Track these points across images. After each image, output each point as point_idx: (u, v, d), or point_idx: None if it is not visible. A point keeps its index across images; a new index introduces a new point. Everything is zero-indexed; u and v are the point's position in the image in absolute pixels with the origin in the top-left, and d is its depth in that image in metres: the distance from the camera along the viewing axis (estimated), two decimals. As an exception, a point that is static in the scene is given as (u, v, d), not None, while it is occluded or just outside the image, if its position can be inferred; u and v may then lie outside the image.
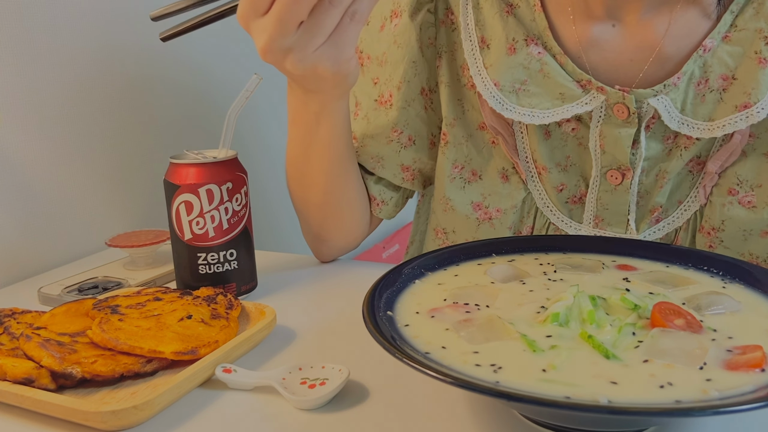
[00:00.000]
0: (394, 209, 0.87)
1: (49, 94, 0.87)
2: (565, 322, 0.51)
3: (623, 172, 0.72)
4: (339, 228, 0.82)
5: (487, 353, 0.47)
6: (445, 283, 0.60)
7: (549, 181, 0.76)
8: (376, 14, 0.82)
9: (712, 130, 0.67)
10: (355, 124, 0.82)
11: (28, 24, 0.83)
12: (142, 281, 0.78)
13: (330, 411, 0.51)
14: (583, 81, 0.71)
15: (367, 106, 0.82)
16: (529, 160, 0.76)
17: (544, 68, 0.71)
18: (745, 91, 0.66)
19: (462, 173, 0.79)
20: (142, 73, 1.00)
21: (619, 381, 0.43)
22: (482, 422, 0.50)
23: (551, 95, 0.71)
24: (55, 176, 0.88)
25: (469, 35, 0.75)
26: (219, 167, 0.69)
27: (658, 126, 0.71)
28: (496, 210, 0.77)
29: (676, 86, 0.68)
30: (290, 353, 0.62)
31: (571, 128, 0.74)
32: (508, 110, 0.72)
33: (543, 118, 0.71)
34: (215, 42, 1.13)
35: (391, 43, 0.79)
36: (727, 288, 0.58)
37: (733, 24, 0.67)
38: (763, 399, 0.39)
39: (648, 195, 0.73)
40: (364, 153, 0.82)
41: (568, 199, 0.76)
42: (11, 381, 0.53)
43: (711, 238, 0.71)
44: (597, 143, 0.72)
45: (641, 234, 0.74)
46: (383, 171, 0.83)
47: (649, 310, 0.52)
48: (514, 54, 0.72)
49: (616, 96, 0.69)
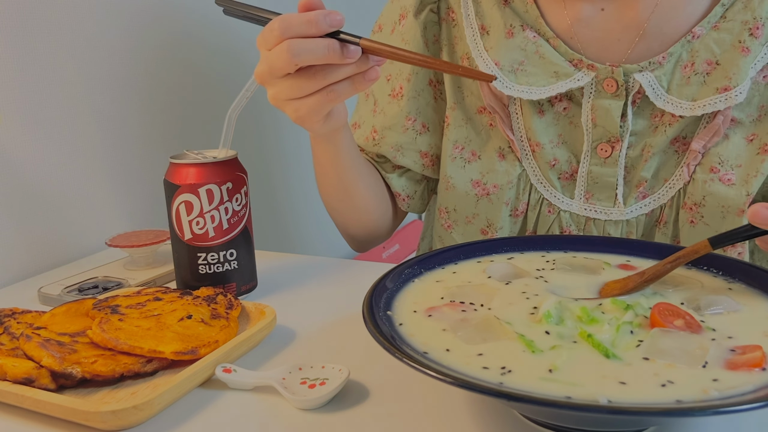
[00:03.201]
0: (421, 202, 0.93)
1: (49, 94, 0.87)
2: (560, 320, 0.51)
3: (612, 144, 0.77)
4: (362, 227, 0.89)
5: (490, 354, 0.47)
6: (444, 281, 0.60)
7: (542, 156, 0.80)
8: (387, 20, 0.90)
9: (694, 109, 0.73)
10: (374, 119, 0.89)
11: (28, 24, 0.83)
12: (142, 281, 0.78)
13: (330, 411, 0.51)
14: (575, 60, 0.77)
15: (383, 101, 0.89)
16: (523, 138, 0.81)
17: (539, 50, 0.78)
18: (726, 76, 0.72)
19: (462, 153, 0.84)
20: (143, 73, 1.00)
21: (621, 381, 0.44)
22: (482, 422, 0.50)
23: (546, 74, 0.77)
24: (55, 176, 0.88)
25: (470, 24, 0.82)
26: (219, 167, 0.69)
27: (645, 103, 0.76)
28: (493, 186, 0.82)
29: (661, 65, 0.74)
30: (290, 353, 0.62)
31: (563, 107, 0.79)
32: (508, 88, 0.78)
33: (540, 93, 0.77)
34: (215, 42, 1.13)
35: (400, 41, 0.86)
36: (733, 289, 0.58)
37: (723, 16, 0.73)
38: (763, 399, 0.39)
39: (634, 169, 0.78)
40: (384, 144, 0.88)
41: (560, 175, 0.81)
42: (11, 381, 0.53)
43: (693, 213, 0.75)
44: (589, 117, 0.77)
45: (628, 207, 0.78)
46: (404, 159, 0.88)
47: (644, 307, 0.53)
48: (512, 38, 0.79)
49: (605, 71, 0.76)
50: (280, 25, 0.60)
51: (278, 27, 0.60)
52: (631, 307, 0.52)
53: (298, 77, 0.62)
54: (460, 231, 0.85)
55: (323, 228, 1.46)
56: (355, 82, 0.63)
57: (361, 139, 0.90)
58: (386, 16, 0.90)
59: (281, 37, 0.60)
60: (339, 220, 0.90)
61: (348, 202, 0.85)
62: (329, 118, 0.68)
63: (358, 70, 0.62)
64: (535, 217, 0.81)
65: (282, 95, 0.64)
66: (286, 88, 0.63)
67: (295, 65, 0.60)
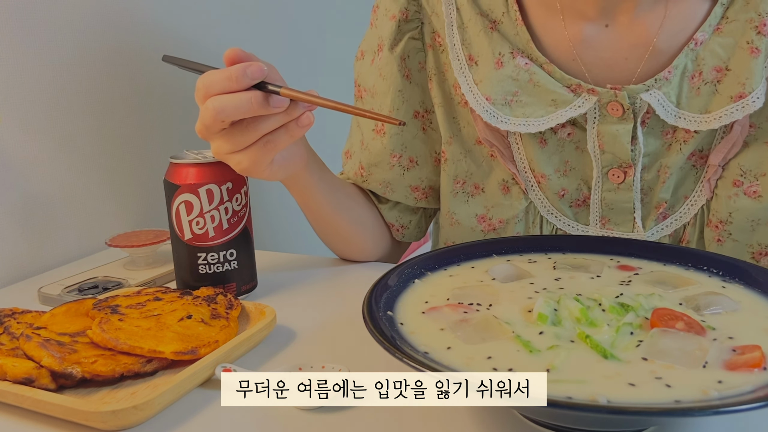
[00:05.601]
0: (417, 231, 0.89)
1: (49, 94, 0.87)
2: (557, 321, 0.51)
3: (624, 170, 0.72)
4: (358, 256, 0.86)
5: (491, 354, 0.47)
6: (446, 282, 0.60)
7: (550, 188, 0.76)
8: (368, 48, 0.84)
9: (709, 122, 0.68)
10: (361, 154, 0.85)
11: (28, 24, 0.83)
12: (142, 281, 0.78)
13: (330, 411, 0.51)
14: (573, 85, 0.71)
15: (368, 137, 0.84)
16: (526, 170, 0.77)
17: (533, 78, 0.72)
18: (739, 82, 0.67)
19: (464, 188, 0.81)
20: (143, 73, 1.00)
21: (620, 380, 0.44)
22: (482, 422, 0.50)
23: (544, 102, 0.72)
24: (55, 176, 0.89)
25: (457, 55, 0.76)
26: (219, 167, 0.69)
27: (655, 122, 0.71)
28: (498, 221, 0.78)
29: (668, 80, 0.69)
30: (290, 353, 0.62)
31: (566, 133, 0.74)
32: (503, 122, 0.73)
33: (538, 125, 0.72)
34: (215, 42, 1.13)
35: (377, 75, 0.82)
36: (726, 288, 0.58)
37: (724, 16, 0.68)
38: (763, 399, 0.39)
39: (651, 191, 0.74)
40: (372, 180, 0.84)
41: (571, 203, 0.77)
42: (11, 381, 0.53)
43: (719, 231, 0.72)
44: (595, 144, 0.72)
45: (648, 231, 0.74)
46: (394, 194, 0.85)
47: (644, 308, 0.53)
48: (501, 67, 0.73)
49: (608, 95, 0.70)
50: (203, 83, 0.60)
51: (202, 85, 0.60)
52: (632, 309, 0.52)
53: (232, 131, 0.62)
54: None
55: (323, 228, 1.46)
56: (290, 130, 0.62)
57: (350, 173, 0.87)
58: (367, 42, 0.85)
59: (207, 95, 0.60)
60: (339, 254, 0.87)
61: (334, 237, 0.83)
62: (276, 165, 0.67)
63: (289, 118, 0.61)
64: None
65: (222, 150, 0.63)
66: (224, 143, 0.62)
67: (222, 121, 0.60)
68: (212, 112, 0.59)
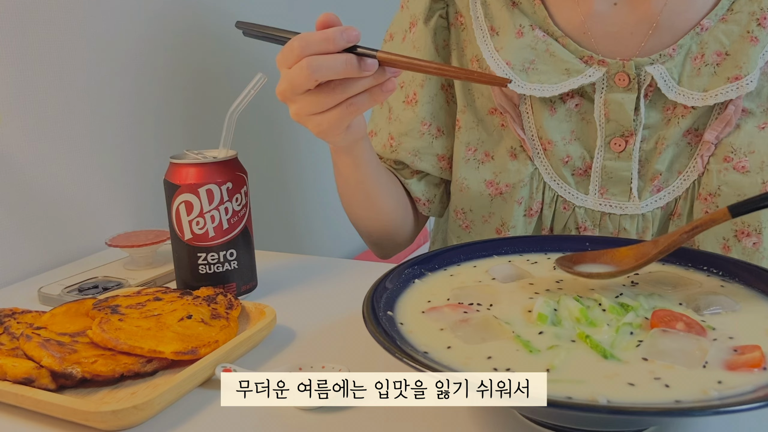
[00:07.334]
0: (441, 206, 0.94)
1: (49, 94, 0.87)
2: (557, 321, 0.51)
3: (626, 138, 0.78)
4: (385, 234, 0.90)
5: (491, 354, 0.47)
6: (446, 282, 0.60)
7: (555, 154, 0.81)
8: (397, 29, 0.92)
9: (706, 99, 0.74)
10: (390, 126, 0.91)
11: (28, 24, 0.83)
12: (142, 281, 0.78)
13: (330, 411, 0.51)
14: (585, 57, 0.78)
15: (398, 108, 0.90)
16: (534, 137, 0.82)
17: (550, 48, 0.79)
18: (736, 65, 0.73)
19: (475, 155, 0.86)
20: (143, 73, 1.00)
21: (620, 380, 0.44)
22: (482, 422, 0.50)
23: (558, 71, 0.79)
24: (55, 176, 0.89)
25: (480, 26, 0.83)
26: (219, 167, 0.69)
27: (657, 96, 0.77)
28: (505, 185, 0.83)
29: (672, 57, 0.75)
30: (290, 353, 0.62)
31: (574, 104, 0.80)
32: (520, 87, 0.79)
33: (552, 90, 0.78)
34: (216, 42, 1.13)
35: (411, 49, 0.88)
36: (726, 288, 0.58)
37: (730, 8, 0.75)
38: (763, 399, 0.39)
39: (648, 163, 0.79)
40: (402, 150, 0.89)
41: (573, 171, 0.81)
42: (11, 381, 0.53)
43: (708, 203, 0.76)
44: (602, 112, 0.78)
45: (643, 202, 0.79)
46: (422, 164, 0.89)
47: (644, 308, 0.53)
48: (522, 37, 0.80)
49: (616, 66, 0.77)
50: (299, 43, 0.62)
51: (298, 45, 0.62)
52: (632, 309, 0.52)
53: (318, 93, 0.64)
54: (478, 231, 0.86)
55: (323, 228, 1.46)
56: (373, 94, 0.65)
57: (378, 147, 0.91)
58: (397, 24, 0.92)
59: (301, 55, 0.62)
60: (363, 229, 0.91)
61: (371, 211, 0.86)
62: (349, 130, 0.70)
63: (375, 83, 0.64)
64: (551, 215, 0.82)
65: (304, 111, 0.65)
66: (308, 104, 0.65)
67: (315, 81, 0.62)
68: (307, 71, 0.61)
